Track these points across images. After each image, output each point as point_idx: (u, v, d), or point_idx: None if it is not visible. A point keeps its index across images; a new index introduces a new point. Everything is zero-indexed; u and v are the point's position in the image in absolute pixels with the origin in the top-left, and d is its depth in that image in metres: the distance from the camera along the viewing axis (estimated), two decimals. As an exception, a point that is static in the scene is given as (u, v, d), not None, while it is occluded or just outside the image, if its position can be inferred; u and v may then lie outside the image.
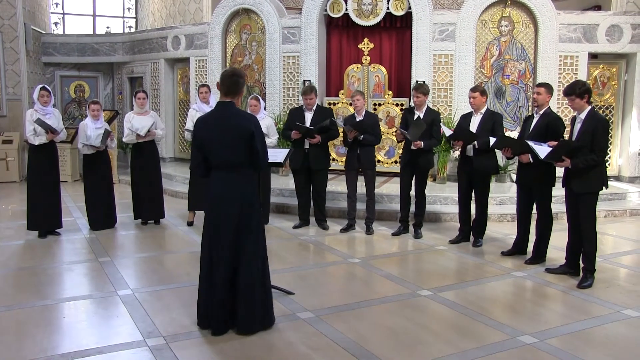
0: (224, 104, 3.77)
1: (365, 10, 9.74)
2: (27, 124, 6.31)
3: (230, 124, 3.68)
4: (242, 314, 3.74)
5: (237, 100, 3.82)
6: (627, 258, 5.89)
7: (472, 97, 6.05)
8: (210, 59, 10.68)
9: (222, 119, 3.71)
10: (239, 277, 3.74)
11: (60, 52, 12.60)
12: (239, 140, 3.66)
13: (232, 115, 3.71)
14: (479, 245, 6.11)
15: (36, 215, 6.39)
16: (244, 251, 3.75)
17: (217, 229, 3.75)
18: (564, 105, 9.13)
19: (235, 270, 3.75)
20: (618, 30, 9.08)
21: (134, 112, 7.05)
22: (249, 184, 3.78)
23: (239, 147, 3.67)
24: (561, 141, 4.90)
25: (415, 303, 4.44)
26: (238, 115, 3.74)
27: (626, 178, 9.42)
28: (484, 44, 9.35)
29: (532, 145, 5.03)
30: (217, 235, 3.75)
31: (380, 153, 9.52)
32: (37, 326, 3.92)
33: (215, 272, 3.74)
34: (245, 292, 3.74)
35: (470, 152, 6.03)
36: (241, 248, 3.75)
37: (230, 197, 3.72)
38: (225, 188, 3.73)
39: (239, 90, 3.80)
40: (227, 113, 3.73)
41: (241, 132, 3.66)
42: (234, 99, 3.78)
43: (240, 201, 3.72)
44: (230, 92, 3.77)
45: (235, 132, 3.66)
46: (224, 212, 3.73)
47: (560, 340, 3.73)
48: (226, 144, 3.67)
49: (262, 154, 3.75)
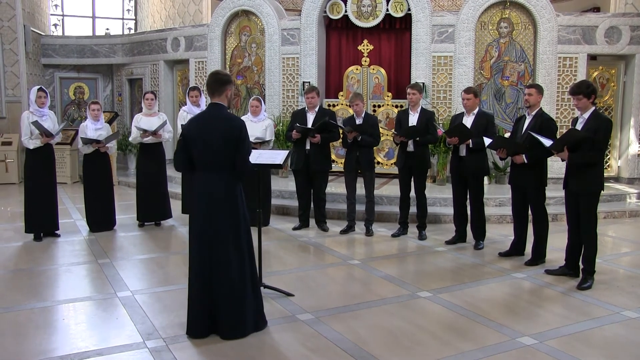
0: (214, 105, 3.79)
1: (364, 12, 9.75)
2: (23, 127, 6.29)
3: (216, 126, 3.69)
4: (224, 317, 3.72)
5: (225, 100, 3.80)
6: (627, 259, 5.89)
7: (466, 99, 6.05)
8: (209, 61, 10.69)
9: (210, 120, 3.74)
10: (220, 279, 3.71)
11: (60, 53, 12.60)
12: (223, 142, 3.66)
13: (220, 118, 3.72)
14: (481, 247, 6.10)
15: (33, 218, 6.38)
16: (225, 250, 3.71)
17: (200, 228, 3.73)
18: (562, 107, 9.15)
19: (216, 272, 3.71)
20: (617, 32, 9.09)
21: (142, 114, 7.08)
22: (231, 185, 3.74)
23: (223, 149, 3.67)
24: (569, 130, 4.89)
25: (414, 304, 4.43)
26: (225, 118, 3.74)
27: (625, 179, 9.43)
28: (483, 45, 9.36)
29: (536, 136, 5.03)
30: (200, 234, 3.73)
31: (380, 154, 9.53)
32: (36, 328, 3.92)
33: (200, 272, 3.72)
34: (227, 293, 3.71)
35: (463, 152, 6.03)
36: (224, 247, 3.71)
37: (213, 198, 3.70)
38: (208, 188, 3.71)
39: (220, 88, 3.76)
40: (216, 114, 3.75)
41: (226, 135, 3.66)
42: (220, 98, 3.78)
43: (222, 202, 3.69)
44: (214, 91, 3.77)
45: (220, 135, 3.67)
46: (205, 212, 3.71)
47: (560, 341, 3.73)
48: (211, 145, 3.67)
49: (243, 160, 3.71)
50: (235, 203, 3.74)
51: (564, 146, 4.81)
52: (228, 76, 3.86)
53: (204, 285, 3.73)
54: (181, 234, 6.83)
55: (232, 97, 3.85)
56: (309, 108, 6.87)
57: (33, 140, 6.26)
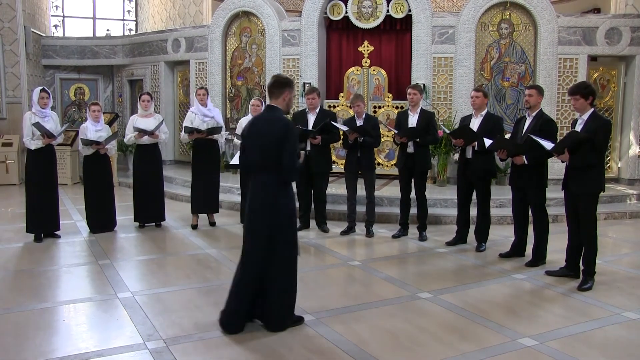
0: (268, 107, 3.95)
1: (365, 13, 9.76)
2: (25, 128, 6.30)
3: (266, 128, 3.81)
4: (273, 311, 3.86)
5: (282, 103, 3.89)
6: (627, 260, 5.88)
7: (475, 97, 6.04)
8: (210, 62, 10.69)
9: (262, 122, 3.90)
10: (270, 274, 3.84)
11: (60, 54, 12.61)
12: (270, 143, 3.76)
13: (269, 119, 3.84)
14: (482, 249, 6.09)
15: (34, 218, 6.38)
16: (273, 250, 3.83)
17: (250, 225, 3.88)
18: (563, 108, 9.15)
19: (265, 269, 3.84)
20: (617, 33, 9.09)
21: (138, 115, 7.08)
22: (277, 185, 3.82)
23: (270, 150, 3.76)
24: (570, 132, 4.89)
25: (415, 305, 4.43)
26: (274, 119, 3.83)
27: (625, 180, 9.42)
28: (483, 46, 9.36)
29: (537, 139, 5.03)
30: (249, 233, 3.88)
31: (381, 156, 9.53)
32: (37, 329, 3.92)
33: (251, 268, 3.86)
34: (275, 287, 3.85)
35: (469, 154, 6.03)
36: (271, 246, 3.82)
37: (261, 197, 3.82)
38: (257, 188, 3.84)
39: (277, 90, 3.88)
40: (267, 117, 3.90)
41: (272, 136, 3.76)
42: (277, 101, 3.89)
43: (270, 201, 3.80)
44: (272, 93, 3.90)
45: (268, 136, 3.78)
46: (254, 210, 3.85)
47: (560, 342, 3.73)
48: (260, 146, 3.81)
49: (288, 165, 3.76)
50: (282, 202, 3.82)
51: (564, 148, 4.81)
52: (288, 79, 3.97)
53: (252, 280, 3.84)
54: (182, 235, 6.83)
55: (291, 101, 3.99)
56: (310, 109, 6.87)
57: (34, 141, 6.27)
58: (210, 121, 7.00)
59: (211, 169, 7.14)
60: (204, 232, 6.96)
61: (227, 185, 8.93)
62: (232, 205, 8.21)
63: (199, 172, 7.10)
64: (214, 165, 7.19)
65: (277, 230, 3.83)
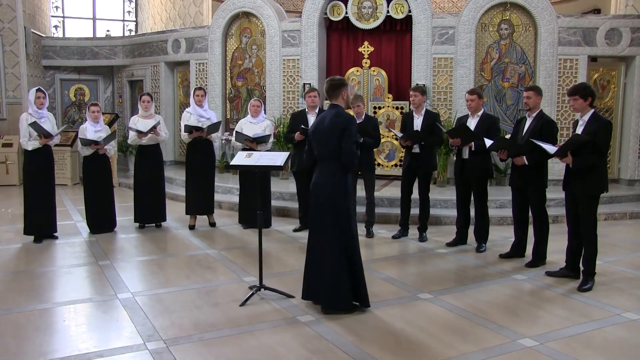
0: (331, 106, 4.34)
1: (365, 14, 9.76)
2: (21, 128, 6.28)
3: (327, 122, 4.22)
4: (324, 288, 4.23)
5: (342, 101, 4.30)
6: (627, 261, 5.88)
7: (470, 100, 6.05)
8: (210, 62, 10.70)
9: (324, 118, 4.30)
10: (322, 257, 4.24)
11: (61, 55, 12.62)
12: (330, 135, 4.16)
13: (332, 115, 4.23)
14: (483, 250, 6.09)
15: (32, 220, 6.38)
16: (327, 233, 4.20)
17: (314, 212, 4.30)
18: (563, 109, 9.14)
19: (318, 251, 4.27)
20: (617, 34, 9.09)
21: (139, 115, 7.09)
22: (338, 174, 4.21)
23: (330, 142, 4.17)
24: (573, 135, 4.89)
25: (415, 306, 4.43)
26: (336, 114, 4.23)
27: (625, 181, 9.42)
28: (483, 47, 9.37)
29: (538, 143, 5.03)
30: (314, 219, 4.30)
31: (381, 156, 9.53)
32: (37, 330, 3.92)
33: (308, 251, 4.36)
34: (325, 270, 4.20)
35: (466, 155, 6.03)
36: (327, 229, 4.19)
37: (320, 186, 4.24)
38: (318, 178, 4.29)
39: (335, 92, 4.30)
40: (330, 113, 4.27)
41: (334, 128, 4.16)
42: (337, 100, 4.30)
43: (328, 189, 4.20)
44: (331, 95, 4.33)
45: (330, 128, 4.18)
46: (315, 198, 4.28)
47: (561, 343, 3.73)
48: (322, 138, 4.24)
49: (348, 150, 4.13)
50: (340, 191, 4.21)
51: (567, 152, 4.81)
52: (341, 80, 4.37)
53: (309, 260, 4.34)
54: (182, 235, 6.83)
55: (349, 97, 4.43)
56: (310, 108, 6.86)
57: (31, 142, 6.25)
58: (205, 122, 7.00)
59: (206, 169, 7.13)
60: (204, 232, 6.96)
61: (227, 185, 8.93)
62: (232, 206, 8.21)
63: (193, 173, 7.10)
64: (208, 166, 7.18)
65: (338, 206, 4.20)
